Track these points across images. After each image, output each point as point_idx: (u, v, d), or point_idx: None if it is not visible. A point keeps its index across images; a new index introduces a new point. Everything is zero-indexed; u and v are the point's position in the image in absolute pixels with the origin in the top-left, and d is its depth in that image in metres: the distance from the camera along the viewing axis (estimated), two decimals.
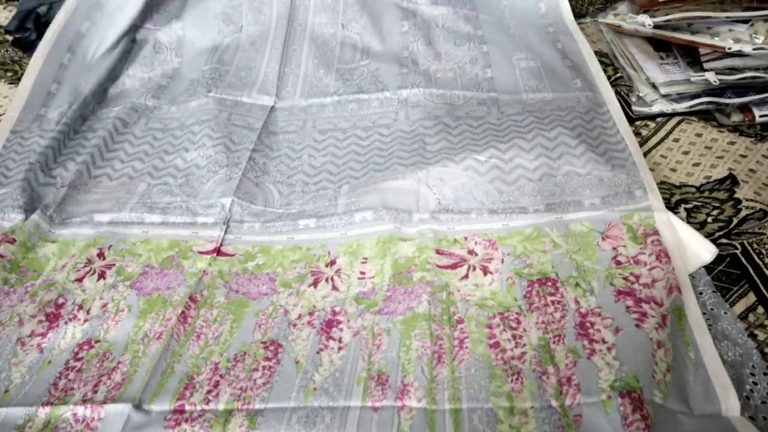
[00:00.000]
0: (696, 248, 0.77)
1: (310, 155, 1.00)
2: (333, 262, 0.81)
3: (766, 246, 0.79)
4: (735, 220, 0.84)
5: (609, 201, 0.83)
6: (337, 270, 0.80)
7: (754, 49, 0.97)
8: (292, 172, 0.98)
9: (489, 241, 0.80)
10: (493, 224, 0.82)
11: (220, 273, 0.81)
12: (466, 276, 0.76)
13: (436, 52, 1.17)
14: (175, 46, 1.23)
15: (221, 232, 0.87)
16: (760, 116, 0.99)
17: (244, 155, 0.99)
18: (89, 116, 1.11)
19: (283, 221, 0.88)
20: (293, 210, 0.90)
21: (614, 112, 0.99)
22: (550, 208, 0.83)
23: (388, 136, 1.01)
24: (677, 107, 1.01)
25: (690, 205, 0.87)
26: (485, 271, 0.77)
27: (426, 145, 0.97)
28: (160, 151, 1.03)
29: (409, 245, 0.81)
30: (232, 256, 0.84)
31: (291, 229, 0.86)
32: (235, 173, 0.95)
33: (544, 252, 0.77)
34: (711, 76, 0.99)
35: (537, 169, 0.88)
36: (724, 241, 0.82)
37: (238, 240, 0.87)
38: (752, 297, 0.74)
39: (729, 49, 0.99)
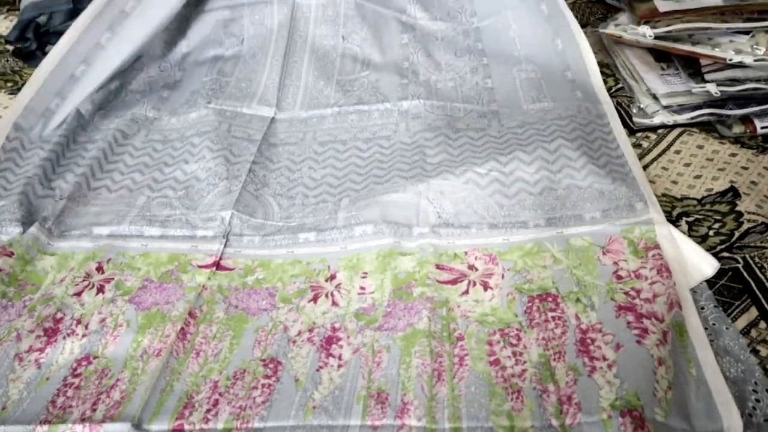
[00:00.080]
0: (697, 262, 0.77)
1: (310, 167, 1.00)
2: (333, 277, 0.81)
3: None
4: (737, 234, 0.84)
5: (610, 214, 0.83)
6: (337, 285, 0.80)
7: (755, 61, 0.97)
8: (292, 185, 0.97)
9: (489, 256, 0.80)
10: (494, 239, 0.82)
11: (220, 288, 0.81)
12: (467, 291, 0.76)
13: (437, 63, 1.17)
14: (178, 61, 1.23)
15: (221, 246, 0.87)
16: (762, 128, 0.98)
17: (244, 167, 0.99)
18: (88, 127, 1.10)
19: (283, 234, 0.87)
20: (293, 223, 0.90)
21: (615, 123, 0.98)
22: (551, 223, 0.83)
23: (389, 148, 1.01)
24: (678, 119, 1.01)
25: (691, 218, 0.87)
26: (485, 287, 0.76)
27: (426, 157, 0.97)
28: (160, 163, 1.02)
29: (409, 260, 0.81)
30: (232, 270, 0.84)
31: (291, 243, 0.86)
32: (235, 186, 0.95)
33: (544, 267, 0.77)
34: (712, 88, 0.98)
35: (538, 182, 0.88)
36: (725, 254, 0.81)
37: (238, 254, 0.86)
38: (754, 312, 0.74)
39: (730, 60, 0.98)
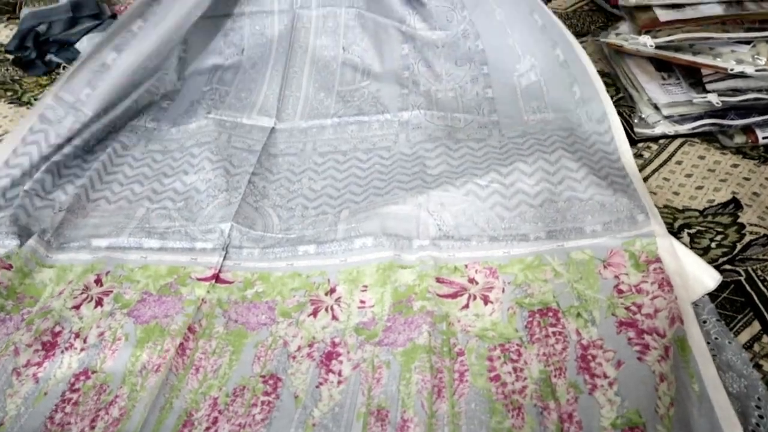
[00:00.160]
0: (699, 275, 0.77)
1: (310, 178, 1.00)
2: (333, 290, 0.80)
3: None
4: (739, 246, 0.83)
5: (611, 227, 0.82)
6: (337, 298, 0.79)
7: (756, 71, 0.97)
8: (291, 196, 0.97)
9: (490, 269, 0.79)
10: (494, 251, 0.82)
11: (219, 301, 0.81)
12: (467, 306, 0.76)
13: (437, 73, 1.16)
14: (178, 70, 1.23)
15: (220, 258, 0.86)
16: (763, 138, 0.98)
17: (244, 179, 0.98)
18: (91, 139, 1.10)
19: (283, 247, 0.87)
20: (293, 235, 0.90)
21: (616, 134, 0.98)
22: (552, 236, 0.82)
23: (389, 159, 1.01)
24: (680, 129, 1.00)
25: (693, 230, 0.86)
26: (486, 301, 0.76)
27: (427, 168, 0.96)
28: (159, 174, 1.02)
29: (409, 273, 0.80)
30: (231, 284, 0.83)
31: (290, 256, 0.86)
32: (235, 197, 0.95)
33: (545, 281, 0.77)
34: (713, 98, 0.98)
35: (538, 194, 0.88)
36: (727, 267, 0.81)
37: (237, 266, 0.86)
38: (757, 326, 0.74)
39: (731, 70, 0.98)
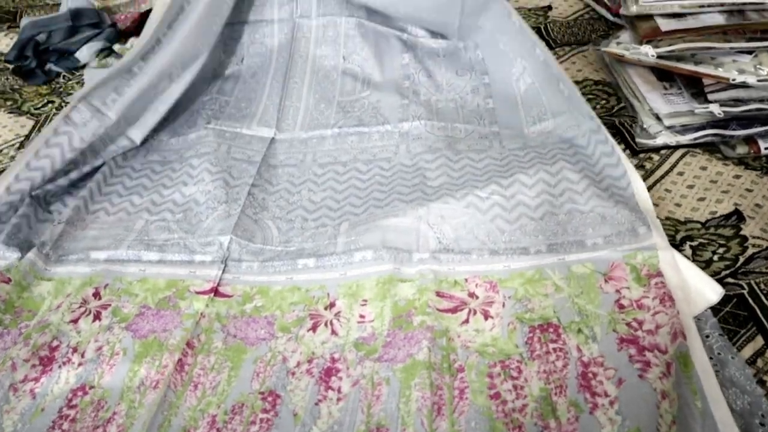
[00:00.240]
0: (702, 288, 0.76)
1: (310, 190, 0.99)
2: (332, 305, 0.80)
3: None
4: (741, 259, 0.83)
5: (612, 240, 0.82)
6: (337, 313, 0.79)
7: (758, 81, 0.96)
8: (291, 208, 0.97)
9: (490, 283, 0.79)
10: (494, 265, 0.81)
11: (218, 316, 0.80)
12: (467, 321, 0.75)
13: (437, 83, 1.16)
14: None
15: (219, 272, 0.86)
16: (766, 148, 0.97)
17: (243, 190, 0.98)
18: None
19: (282, 260, 0.86)
20: (292, 248, 0.89)
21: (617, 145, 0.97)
22: (552, 249, 0.82)
23: (389, 170, 1.00)
24: (681, 139, 1.00)
25: (695, 243, 0.86)
26: (486, 316, 0.75)
27: (427, 180, 0.96)
28: (159, 185, 1.02)
29: (409, 286, 0.80)
30: (230, 298, 0.83)
31: (290, 269, 0.85)
32: (234, 209, 0.94)
33: (545, 296, 0.76)
34: (715, 108, 0.97)
35: (539, 206, 0.87)
36: (730, 280, 0.80)
37: (237, 280, 0.85)
38: (760, 340, 0.73)
39: (733, 80, 0.97)
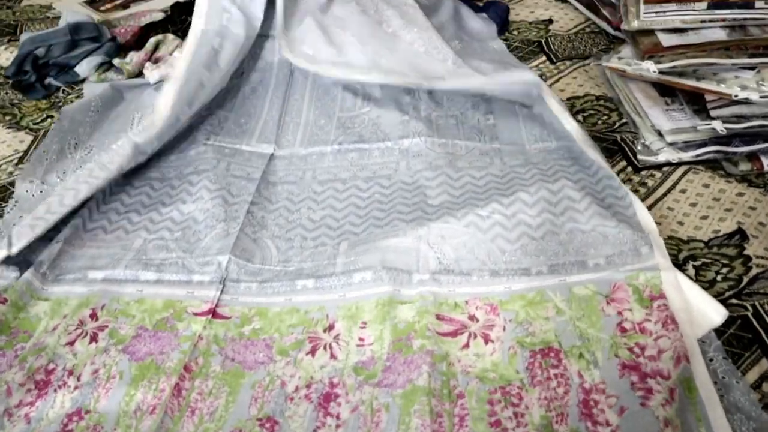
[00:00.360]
0: (705, 310, 0.75)
1: (309, 208, 0.98)
2: (331, 327, 0.79)
3: None
4: (745, 279, 0.82)
5: (614, 261, 0.81)
6: (336, 336, 0.78)
7: (761, 97, 0.95)
8: (290, 226, 0.96)
9: (490, 306, 0.78)
10: (495, 287, 0.80)
11: (216, 338, 0.79)
12: (467, 345, 0.74)
13: (437, 98, 1.15)
14: None
15: (217, 292, 0.85)
16: None
17: (242, 208, 0.97)
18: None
19: (281, 281, 0.86)
20: (291, 268, 0.88)
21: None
22: (553, 270, 0.81)
23: (389, 188, 0.99)
24: (684, 156, 0.99)
25: (698, 262, 0.85)
26: (486, 340, 0.74)
27: (427, 199, 0.95)
28: (157, 203, 1.01)
29: (409, 308, 0.79)
30: (228, 319, 0.82)
31: (289, 290, 0.84)
32: (233, 228, 0.93)
33: (546, 319, 0.75)
34: (718, 125, 0.96)
35: (540, 226, 0.86)
36: (734, 301, 0.79)
37: (235, 301, 0.85)
38: (765, 364, 0.72)
39: (735, 96, 0.97)
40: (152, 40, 1.37)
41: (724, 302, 0.77)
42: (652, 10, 1.10)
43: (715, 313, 0.74)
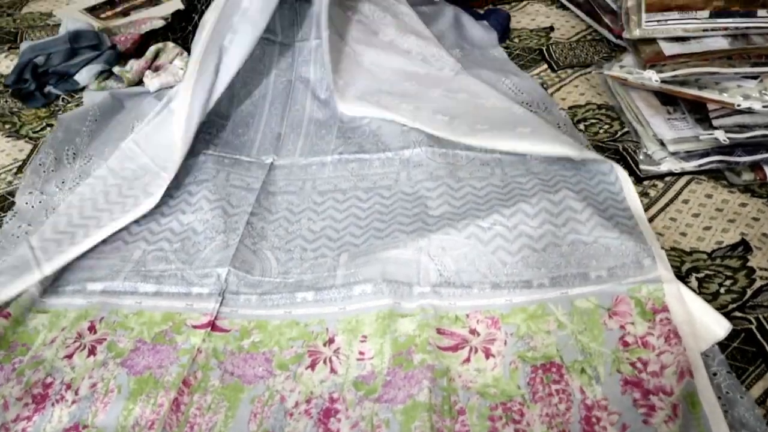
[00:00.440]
0: (708, 323, 0.74)
1: (309, 218, 0.98)
2: (331, 341, 0.78)
3: None
4: (749, 292, 0.81)
5: (616, 273, 0.80)
6: (336, 349, 0.77)
7: (763, 107, 0.95)
8: (290, 237, 0.95)
9: (492, 319, 0.77)
10: (496, 299, 0.80)
11: (215, 351, 0.79)
12: (468, 359, 0.73)
13: None
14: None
15: (216, 304, 0.84)
16: None
17: (242, 219, 0.97)
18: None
19: (281, 293, 0.85)
20: (291, 279, 0.88)
21: (621, 174, 0.95)
22: (555, 282, 0.80)
23: (389, 198, 0.99)
24: (686, 166, 0.98)
25: (701, 274, 0.84)
26: (487, 354, 0.74)
27: (428, 210, 0.94)
28: (157, 213, 1.00)
29: (409, 321, 0.78)
30: (228, 332, 0.81)
31: (288, 303, 0.84)
32: (232, 239, 0.93)
33: (548, 332, 0.74)
34: (720, 135, 0.96)
35: (541, 237, 0.86)
36: (738, 314, 0.78)
37: (234, 313, 0.84)
38: None
39: (738, 106, 0.96)
40: (152, 48, 1.36)
41: (728, 315, 0.77)
42: (653, 18, 1.09)
43: (718, 327, 0.74)
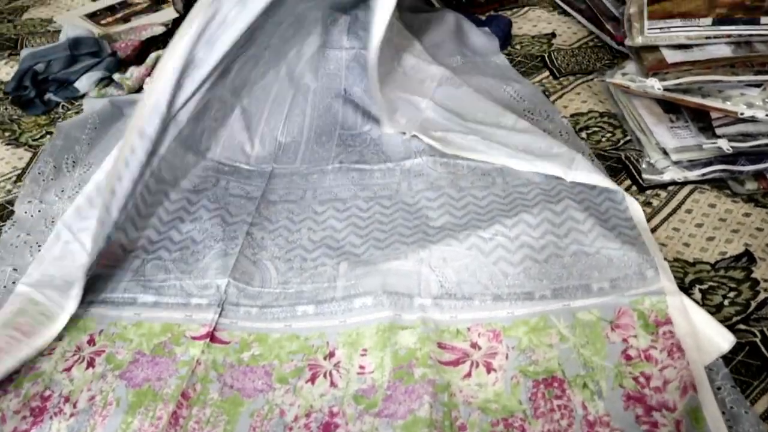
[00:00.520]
0: (712, 336, 0.73)
1: (310, 228, 0.97)
2: (332, 354, 0.78)
3: None
4: (753, 304, 0.80)
5: (619, 284, 0.79)
6: (336, 363, 0.76)
7: (767, 115, 0.94)
8: (290, 247, 0.94)
9: (493, 332, 0.77)
10: (498, 312, 0.79)
11: (214, 364, 0.78)
12: (469, 374, 0.73)
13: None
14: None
15: (215, 315, 0.84)
16: None
17: (242, 229, 0.96)
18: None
19: (281, 306, 0.84)
20: (290, 289, 0.87)
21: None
22: (557, 294, 0.79)
23: (390, 208, 0.98)
24: (689, 175, 0.97)
25: (705, 286, 0.83)
26: (489, 369, 0.73)
27: (429, 221, 0.93)
28: (155, 221, 1.00)
29: (410, 334, 0.78)
30: (227, 344, 0.81)
31: (289, 316, 0.83)
32: (232, 249, 0.92)
33: (550, 346, 0.74)
34: (724, 144, 0.95)
35: (543, 248, 0.85)
36: (742, 327, 0.78)
37: (234, 325, 0.83)
38: None
39: (741, 114, 0.95)
40: (153, 55, 1.36)
41: (732, 328, 0.76)
42: (656, 26, 1.08)
43: (722, 340, 0.73)
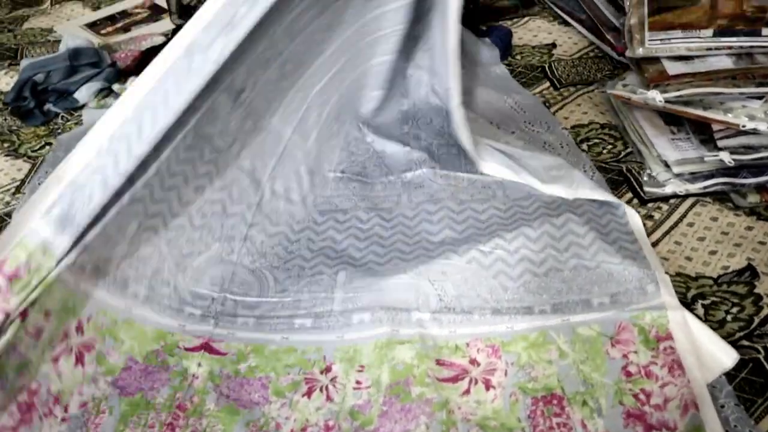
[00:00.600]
0: (715, 352, 0.73)
1: (309, 239, 0.96)
2: (329, 369, 0.77)
3: None
4: (756, 320, 0.79)
5: (619, 299, 0.79)
6: (333, 378, 0.76)
7: None
8: (289, 257, 0.93)
9: (492, 348, 0.76)
10: (497, 326, 0.78)
11: (211, 375, 0.77)
12: (468, 391, 0.72)
13: (438, 127, 1.13)
14: None
15: (210, 327, 0.83)
16: None
17: (240, 230, 0.95)
18: None
19: (279, 318, 0.83)
20: (287, 298, 0.86)
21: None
22: (557, 309, 0.79)
23: (390, 221, 0.97)
24: (691, 188, 0.96)
25: (707, 301, 0.82)
26: (487, 386, 0.72)
27: (429, 236, 0.92)
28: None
29: (408, 348, 0.77)
30: (224, 356, 0.80)
31: (286, 328, 0.82)
32: (227, 252, 0.91)
33: (549, 362, 0.73)
34: (726, 156, 0.94)
35: (543, 262, 0.84)
36: (745, 343, 0.77)
37: (231, 336, 0.82)
38: None
39: (743, 126, 0.94)
40: None
41: (735, 344, 0.75)
42: (657, 37, 1.08)
43: (725, 356, 0.72)
